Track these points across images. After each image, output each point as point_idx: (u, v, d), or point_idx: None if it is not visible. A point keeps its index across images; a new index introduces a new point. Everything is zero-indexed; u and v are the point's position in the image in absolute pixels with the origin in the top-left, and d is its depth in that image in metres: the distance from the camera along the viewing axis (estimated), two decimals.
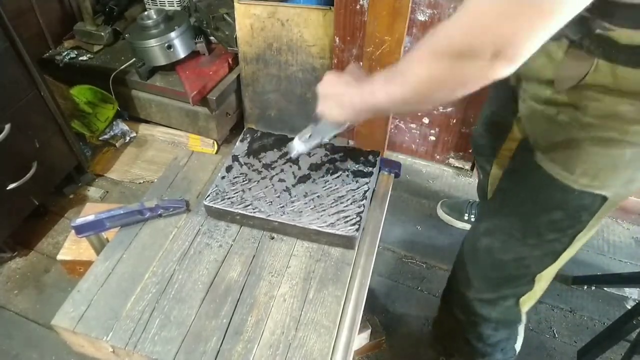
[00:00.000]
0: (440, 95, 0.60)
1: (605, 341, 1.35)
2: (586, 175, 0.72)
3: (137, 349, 0.79)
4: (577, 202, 0.75)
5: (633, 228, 1.87)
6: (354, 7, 1.68)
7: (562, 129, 0.71)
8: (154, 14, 1.93)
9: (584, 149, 0.69)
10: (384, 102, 0.68)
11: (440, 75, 0.57)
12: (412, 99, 0.63)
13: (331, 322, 0.82)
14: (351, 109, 0.77)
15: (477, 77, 0.54)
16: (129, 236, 0.97)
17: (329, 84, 0.82)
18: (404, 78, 0.62)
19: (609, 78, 0.61)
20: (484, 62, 0.51)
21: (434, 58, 0.56)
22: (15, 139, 1.53)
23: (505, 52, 0.50)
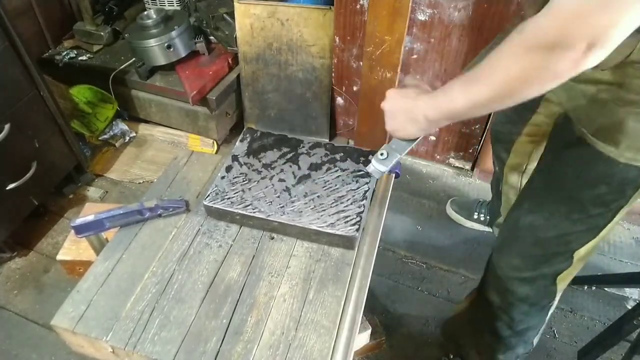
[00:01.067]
0: (531, 89, 0.60)
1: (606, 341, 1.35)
2: (631, 149, 0.73)
3: (137, 349, 0.79)
4: (622, 175, 0.76)
5: (633, 228, 1.87)
6: (354, 7, 1.68)
7: (605, 106, 0.72)
8: (154, 14, 1.93)
9: (628, 123, 0.70)
10: (464, 106, 0.69)
11: (533, 69, 0.57)
12: (498, 97, 0.63)
13: (331, 323, 0.82)
14: (425, 121, 0.77)
15: (569, 68, 0.55)
16: (128, 236, 0.97)
17: (394, 100, 0.83)
18: (491, 77, 0.63)
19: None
20: (578, 53, 0.52)
21: (526, 52, 0.57)
22: (15, 139, 1.52)
23: (600, 42, 0.51)
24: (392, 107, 0.83)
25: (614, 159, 0.75)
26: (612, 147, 0.74)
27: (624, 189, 0.78)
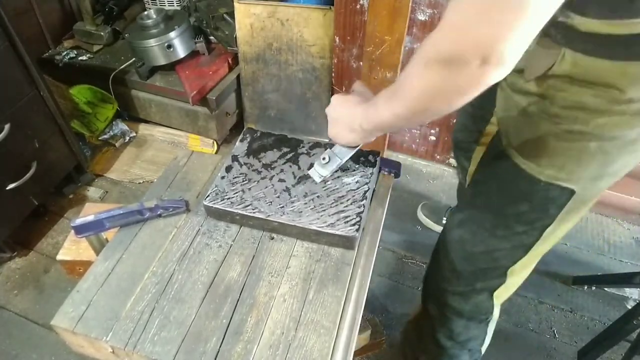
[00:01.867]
0: (439, 105, 0.60)
1: (606, 341, 1.35)
2: (552, 167, 0.71)
3: (137, 349, 0.79)
4: (544, 194, 0.75)
5: (633, 228, 1.87)
6: (354, 7, 1.68)
7: (531, 120, 0.71)
8: (154, 14, 1.93)
9: (550, 140, 0.69)
10: (389, 120, 0.69)
11: (435, 85, 0.57)
12: (413, 113, 0.64)
13: (331, 323, 0.82)
14: (361, 130, 0.78)
15: (471, 84, 0.54)
16: (128, 236, 0.97)
17: (337, 106, 0.83)
18: (402, 92, 0.63)
19: (573, 67, 0.61)
20: (474, 68, 0.51)
21: (425, 68, 0.57)
22: (15, 139, 1.52)
23: (492, 57, 0.50)
24: (334, 113, 0.84)
25: (535, 176, 0.73)
26: (534, 164, 0.73)
27: (547, 207, 0.76)
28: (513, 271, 0.90)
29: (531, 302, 1.63)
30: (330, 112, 0.85)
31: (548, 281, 1.69)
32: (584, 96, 0.62)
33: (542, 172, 0.73)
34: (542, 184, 0.73)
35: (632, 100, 0.59)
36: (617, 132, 0.64)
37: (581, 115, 0.64)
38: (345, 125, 0.82)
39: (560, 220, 0.78)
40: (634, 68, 0.57)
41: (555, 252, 1.78)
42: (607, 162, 0.69)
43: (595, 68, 0.59)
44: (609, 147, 0.66)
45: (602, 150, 0.67)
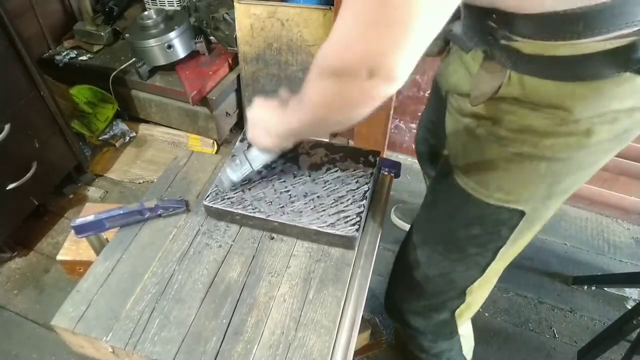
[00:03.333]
0: (338, 116, 0.61)
1: (606, 341, 1.35)
2: (501, 190, 0.71)
3: (137, 349, 0.79)
4: (494, 217, 0.74)
5: (633, 228, 1.87)
6: None
7: (480, 143, 0.70)
8: (154, 14, 1.93)
9: (499, 163, 0.68)
10: (297, 127, 0.70)
11: (329, 97, 0.58)
12: (315, 121, 0.65)
13: (331, 323, 0.82)
14: (276, 136, 0.79)
15: (363, 97, 0.55)
16: (128, 236, 0.97)
17: (257, 110, 0.83)
18: (304, 101, 0.63)
19: (519, 90, 0.61)
20: (363, 81, 0.51)
21: (319, 79, 0.57)
22: (15, 139, 1.52)
23: (379, 71, 0.50)
24: (253, 116, 0.83)
25: (483, 201, 0.73)
26: (482, 187, 0.72)
27: (499, 230, 0.76)
28: (472, 290, 0.89)
29: (531, 302, 1.63)
30: (250, 114, 0.84)
31: (548, 281, 1.69)
32: (532, 118, 0.61)
33: (490, 196, 0.72)
34: (491, 207, 0.73)
35: (579, 120, 0.59)
36: (566, 153, 0.63)
37: (530, 137, 0.63)
38: (262, 129, 0.81)
39: (513, 240, 0.77)
40: (580, 89, 0.57)
41: (555, 252, 1.78)
42: (557, 182, 0.68)
43: (541, 89, 0.59)
44: (558, 168, 0.66)
45: (551, 171, 0.66)
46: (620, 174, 1.76)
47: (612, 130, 0.60)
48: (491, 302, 1.62)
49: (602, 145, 0.62)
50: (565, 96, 0.58)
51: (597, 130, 0.59)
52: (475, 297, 0.92)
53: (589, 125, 0.59)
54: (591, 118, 0.58)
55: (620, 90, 0.56)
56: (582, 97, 0.57)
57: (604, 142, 0.62)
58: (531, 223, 0.75)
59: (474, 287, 0.88)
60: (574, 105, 0.58)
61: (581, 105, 0.58)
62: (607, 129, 0.60)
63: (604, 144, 0.62)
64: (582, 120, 0.59)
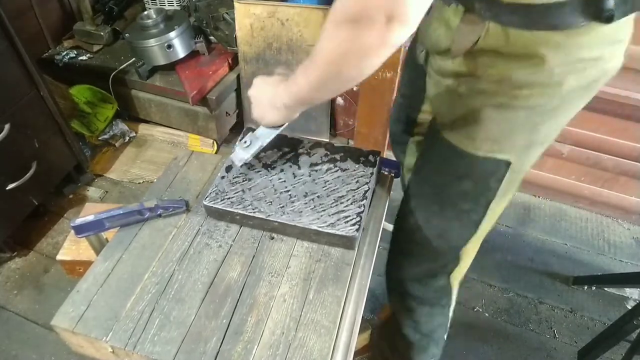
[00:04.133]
0: (350, 68, 0.62)
1: (606, 341, 1.35)
2: (487, 141, 0.74)
3: (137, 349, 0.79)
4: (482, 168, 0.77)
5: (633, 228, 1.87)
6: None
7: (463, 99, 0.73)
8: (154, 14, 1.93)
9: (482, 115, 0.71)
10: (306, 89, 0.72)
11: (344, 46, 0.59)
12: (328, 78, 0.66)
13: (331, 323, 0.82)
14: (283, 107, 0.80)
15: (378, 44, 0.56)
16: (128, 236, 0.97)
17: (258, 88, 0.86)
18: (316, 58, 0.65)
19: (498, 41, 0.63)
20: (380, 27, 0.53)
21: (335, 29, 0.59)
22: (15, 138, 1.52)
23: (397, 15, 0.52)
24: (257, 94, 0.86)
25: (471, 153, 0.76)
26: (469, 141, 0.75)
27: (488, 181, 0.79)
28: (466, 251, 0.93)
29: (531, 302, 1.63)
30: (252, 93, 0.86)
31: (548, 281, 1.69)
32: (510, 70, 0.65)
33: (478, 148, 0.75)
34: (479, 159, 0.76)
35: (552, 69, 0.63)
36: (542, 100, 0.67)
37: (508, 89, 0.67)
38: (268, 105, 0.83)
39: (501, 193, 0.81)
40: (553, 37, 0.60)
41: (555, 252, 1.78)
42: (535, 130, 0.72)
43: (518, 39, 0.62)
44: (535, 115, 0.69)
45: (529, 119, 0.70)
46: (620, 174, 1.76)
47: (581, 78, 0.65)
48: (491, 302, 1.62)
49: (573, 94, 0.67)
50: (537, 45, 0.61)
51: (567, 79, 0.64)
52: (466, 260, 0.96)
53: (560, 74, 0.63)
54: (563, 66, 0.62)
55: (588, 39, 0.60)
56: (555, 45, 0.61)
57: (575, 90, 0.66)
58: (516, 173, 0.79)
59: (467, 248, 0.92)
60: (546, 54, 0.61)
61: (554, 53, 0.61)
62: (576, 78, 0.64)
63: (575, 91, 0.66)
64: (554, 70, 0.63)
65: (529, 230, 1.86)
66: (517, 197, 1.99)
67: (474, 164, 0.77)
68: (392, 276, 1.09)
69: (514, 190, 0.84)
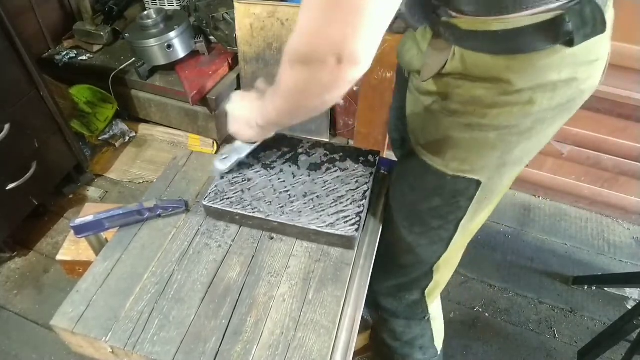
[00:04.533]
0: (311, 101, 0.63)
1: (606, 341, 1.35)
2: (456, 160, 0.74)
3: (136, 349, 0.79)
4: (452, 187, 0.77)
5: (633, 228, 1.87)
6: None
7: (434, 118, 0.73)
8: (154, 14, 1.93)
9: (452, 135, 0.71)
10: (275, 116, 0.73)
11: (301, 83, 0.60)
12: (292, 110, 0.68)
13: (331, 323, 0.82)
14: (257, 126, 0.82)
15: (333, 82, 0.57)
16: (128, 236, 0.97)
17: (237, 104, 0.86)
18: (279, 90, 0.66)
19: (462, 64, 0.64)
20: (332, 67, 0.54)
21: (291, 68, 0.60)
22: (15, 138, 1.52)
23: (345, 55, 0.52)
24: (233, 110, 0.87)
25: (440, 170, 0.76)
26: (439, 159, 0.75)
27: (457, 200, 0.78)
28: (438, 267, 0.92)
29: (531, 302, 1.63)
30: (229, 109, 0.88)
31: (548, 281, 1.69)
32: (477, 90, 0.65)
33: (447, 166, 0.75)
34: (448, 177, 0.76)
35: (521, 90, 0.62)
36: (513, 121, 0.66)
37: (478, 109, 0.66)
38: (243, 122, 0.85)
39: (472, 211, 0.80)
40: (516, 61, 0.60)
41: (555, 252, 1.78)
42: (508, 150, 0.71)
43: (481, 63, 0.62)
44: (507, 136, 0.68)
45: (501, 139, 0.69)
46: (620, 174, 1.76)
47: (553, 99, 0.63)
48: (491, 302, 1.62)
49: (546, 114, 0.65)
50: (502, 69, 0.61)
51: (538, 98, 0.63)
52: (442, 275, 0.95)
53: (530, 94, 0.62)
54: (531, 88, 0.62)
55: (552, 61, 0.59)
56: (518, 69, 0.60)
57: (547, 111, 0.65)
58: (488, 193, 0.78)
59: (440, 264, 0.91)
60: (511, 77, 0.61)
61: (518, 77, 0.61)
62: (549, 97, 0.63)
63: (548, 112, 0.65)
64: (523, 91, 0.62)
65: (529, 230, 1.86)
66: (517, 197, 1.99)
67: (443, 182, 0.77)
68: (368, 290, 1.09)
69: (489, 208, 0.84)
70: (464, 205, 0.79)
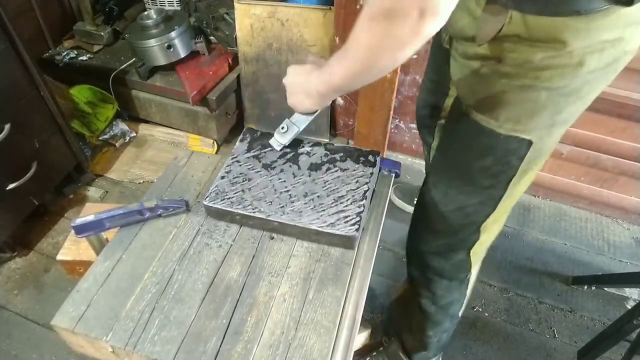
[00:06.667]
0: (384, 59, 0.65)
1: (606, 341, 1.35)
2: (509, 120, 0.76)
3: (137, 349, 0.79)
4: (505, 146, 0.79)
5: (633, 228, 1.87)
6: (353, 7, 1.68)
7: (486, 81, 0.75)
8: (154, 14, 1.93)
9: (505, 96, 0.73)
10: (341, 79, 0.74)
11: (379, 39, 0.62)
12: (362, 69, 0.69)
13: (331, 322, 0.82)
14: (317, 95, 0.84)
15: (412, 36, 0.59)
16: (128, 236, 0.97)
17: (293, 76, 0.89)
18: (351, 49, 0.68)
19: (520, 28, 0.66)
20: (413, 20, 0.56)
21: (370, 23, 0.61)
22: (15, 138, 1.52)
23: (429, 8, 0.55)
24: (291, 82, 0.90)
25: (495, 130, 0.78)
26: (492, 119, 0.77)
27: (509, 159, 0.81)
28: (485, 227, 0.94)
29: (531, 302, 1.63)
30: (287, 82, 0.90)
31: (548, 281, 1.69)
32: (532, 53, 0.67)
33: (501, 126, 0.77)
34: (502, 137, 0.78)
35: (573, 51, 0.65)
36: (563, 82, 0.69)
37: (530, 71, 0.69)
38: (302, 92, 0.87)
39: (522, 171, 0.83)
40: (573, 22, 0.62)
41: (555, 252, 1.78)
42: (557, 110, 0.74)
43: (540, 25, 0.64)
44: (557, 97, 0.71)
45: (551, 100, 0.71)
46: (620, 174, 1.76)
47: (601, 59, 0.66)
48: (491, 302, 1.62)
49: (594, 74, 0.68)
50: (561, 30, 0.63)
51: (588, 60, 0.66)
52: (487, 236, 0.98)
53: (581, 55, 0.65)
54: (583, 49, 0.64)
55: (608, 21, 0.62)
56: (576, 30, 0.63)
57: (595, 71, 0.68)
58: (538, 153, 0.81)
59: (487, 224, 0.93)
60: (568, 38, 0.64)
61: (574, 37, 0.63)
62: (597, 58, 0.66)
63: (596, 72, 0.68)
64: (575, 51, 0.65)
65: (528, 230, 1.86)
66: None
67: (496, 142, 0.79)
68: (413, 248, 1.12)
69: (536, 169, 0.86)
70: (515, 165, 0.81)
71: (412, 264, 1.15)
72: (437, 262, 1.05)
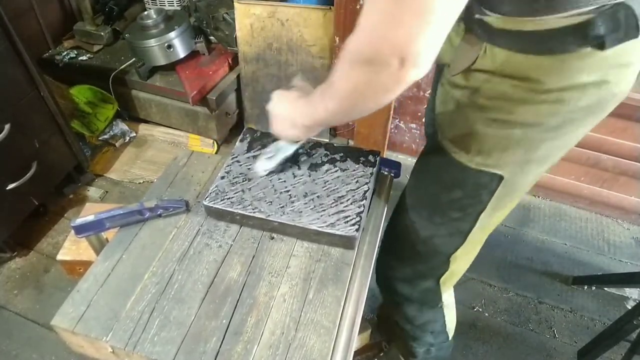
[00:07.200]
0: (367, 103, 0.64)
1: (606, 341, 1.35)
2: (480, 154, 0.74)
3: (137, 349, 0.79)
4: (474, 180, 0.78)
5: (633, 228, 1.87)
6: (353, 7, 1.68)
7: (462, 111, 0.74)
8: (154, 14, 1.93)
9: (478, 129, 0.72)
10: (324, 117, 0.73)
11: (361, 85, 0.60)
12: (345, 110, 0.68)
13: (331, 323, 0.82)
14: (302, 127, 0.81)
15: (394, 84, 0.57)
16: (128, 236, 0.97)
17: (278, 103, 0.86)
18: (333, 90, 0.66)
19: (493, 62, 0.65)
20: (394, 69, 0.54)
21: (350, 68, 0.60)
22: (15, 138, 1.52)
23: (408, 58, 0.53)
24: (275, 110, 0.86)
25: (465, 164, 0.76)
26: (463, 152, 0.76)
27: (479, 193, 0.79)
28: (455, 258, 0.92)
29: (531, 302, 1.63)
30: (272, 110, 0.87)
31: (548, 281, 1.69)
32: (506, 87, 0.65)
33: (471, 160, 0.76)
34: (472, 170, 0.76)
35: (550, 90, 0.62)
36: (540, 119, 0.67)
37: (505, 104, 0.67)
38: (286, 122, 0.84)
39: (493, 206, 0.81)
40: (547, 61, 0.61)
41: (555, 252, 1.78)
42: (532, 147, 0.71)
43: (512, 62, 0.63)
44: (532, 134, 0.69)
45: (526, 136, 0.69)
46: (620, 174, 1.76)
47: (581, 99, 0.63)
48: (491, 302, 1.62)
49: (575, 114, 0.66)
50: (532, 68, 0.62)
51: (567, 99, 0.63)
52: (458, 265, 0.96)
53: (558, 94, 0.63)
54: (560, 89, 0.62)
55: (582, 63, 0.60)
56: (549, 69, 0.61)
57: (576, 111, 0.65)
58: (510, 189, 0.78)
59: (457, 255, 0.91)
60: (541, 77, 0.62)
61: (548, 77, 0.62)
62: (577, 98, 0.63)
63: (577, 112, 0.65)
64: (552, 90, 0.63)
65: (528, 230, 1.86)
66: None
67: (466, 175, 0.77)
68: (381, 273, 1.10)
69: (511, 204, 0.84)
70: (485, 199, 0.80)
71: (381, 287, 1.13)
72: (405, 289, 1.03)
